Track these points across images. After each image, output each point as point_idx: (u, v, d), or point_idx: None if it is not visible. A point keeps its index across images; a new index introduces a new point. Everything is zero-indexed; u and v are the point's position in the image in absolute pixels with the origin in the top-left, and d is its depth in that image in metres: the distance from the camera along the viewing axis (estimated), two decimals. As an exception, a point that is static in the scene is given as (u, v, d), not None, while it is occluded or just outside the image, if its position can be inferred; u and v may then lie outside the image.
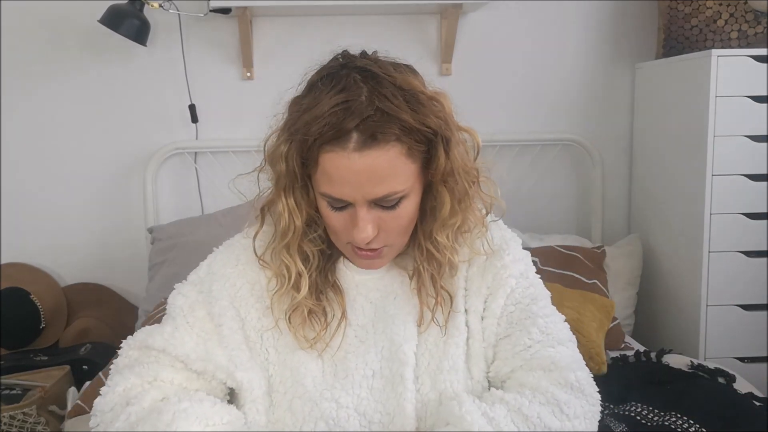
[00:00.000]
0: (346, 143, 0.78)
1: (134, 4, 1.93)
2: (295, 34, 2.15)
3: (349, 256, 0.92)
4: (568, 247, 2.06)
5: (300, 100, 0.85)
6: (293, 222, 0.87)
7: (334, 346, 0.91)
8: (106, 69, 2.12)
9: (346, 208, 0.84)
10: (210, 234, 1.98)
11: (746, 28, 1.93)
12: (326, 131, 0.78)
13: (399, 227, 0.86)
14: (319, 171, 0.82)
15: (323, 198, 0.85)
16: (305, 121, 0.80)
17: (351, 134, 0.78)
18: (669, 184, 2.07)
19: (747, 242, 1.88)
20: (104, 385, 0.93)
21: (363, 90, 0.80)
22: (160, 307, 1.76)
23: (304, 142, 0.81)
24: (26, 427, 1.70)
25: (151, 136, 2.15)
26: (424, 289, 0.91)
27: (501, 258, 0.94)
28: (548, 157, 2.27)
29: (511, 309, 0.93)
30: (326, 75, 0.84)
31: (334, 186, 0.81)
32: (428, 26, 2.20)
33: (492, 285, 0.94)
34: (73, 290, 2.16)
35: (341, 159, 0.79)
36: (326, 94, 0.80)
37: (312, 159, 0.82)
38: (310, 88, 0.85)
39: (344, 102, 0.78)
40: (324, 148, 0.80)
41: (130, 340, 0.96)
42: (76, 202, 2.17)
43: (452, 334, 0.92)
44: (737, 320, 1.90)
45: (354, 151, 0.78)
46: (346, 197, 0.82)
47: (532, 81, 2.26)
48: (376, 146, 0.79)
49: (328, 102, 0.79)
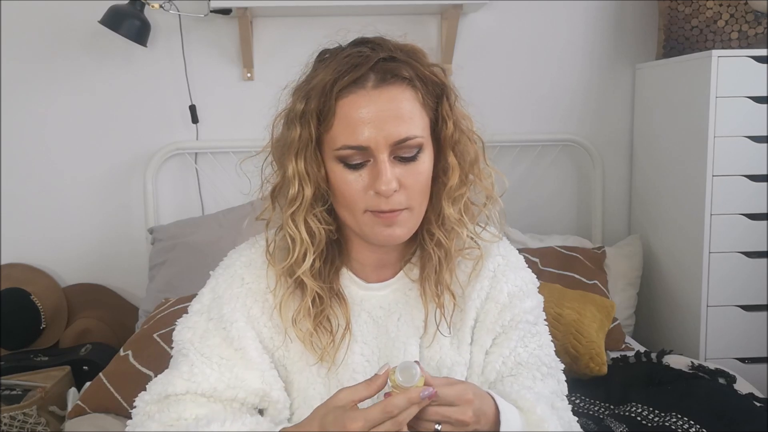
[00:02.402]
0: (365, 83, 0.80)
1: (135, 4, 1.93)
2: (295, 35, 2.15)
3: (366, 230, 0.85)
4: (568, 247, 2.06)
5: (307, 77, 0.87)
6: (302, 190, 0.84)
7: (338, 362, 0.89)
8: (107, 69, 2.12)
9: (364, 165, 0.82)
10: (210, 234, 1.99)
11: (746, 28, 1.93)
12: (343, 76, 0.80)
13: (418, 184, 0.84)
14: (337, 122, 0.81)
15: (339, 159, 0.83)
16: (320, 77, 0.82)
17: (368, 75, 0.81)
18: (669, 185, 2.07)
19: (747, 243, 1.88)
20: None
21: (370, 46, 0.84)
22: (160, 307, 1.76)
23: (321, 94, 0.81)
24: (26, 428, 1.70)
25: (151, 136, 2.15)
26: (429, 288, 0.90)
27: (522, 300, 0.94)
28: (548, 158, 2.27)
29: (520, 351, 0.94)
30: (327, 51, 0.86)
31: (354, 131, 0.80)
32: (429, 27, 2.20)
33: (507, 327, 0.94)
34: (73, 291, 2.16)
35: (361, 98, 0.80)
36: (335, 58, 0.83)
37: (328, 112, 0.81)
38: (318, 60, 0.87)
39: (359, 53, 0.82)
40: (342, 94, 0.80)
41: (144, 395, 0.90)
42: (77, 203, 2.17)
43: (457, 361, 0.92)
44: (738, 321, 1.89)
45: (373, 88, 0.80)
46: (368, 141, 0.80)
47: (533, 82, 2.26)
48: (393, 83, 0.81)
49: (340, 58, 0.82)
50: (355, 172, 0.82)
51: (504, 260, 0.96)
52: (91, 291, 2.18)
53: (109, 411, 1.51)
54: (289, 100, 0.89)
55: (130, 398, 1.48)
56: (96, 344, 1.99)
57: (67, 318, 2.10)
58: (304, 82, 0.87)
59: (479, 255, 0.93)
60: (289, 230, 0.86)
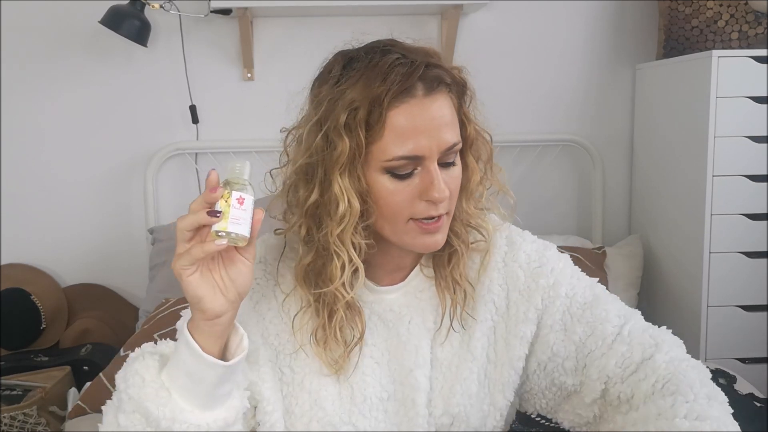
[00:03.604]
0: (415, 92, 0.79)
1: (135, 4, 1.93)
2: (296, 35, 2.15)
3: (407, 239, 0.84)
4: (568, 248, 2.06)
5: (335, 82, 0.81)
6: (351, 207, 0.81)
7: (350, 368, 0.88)
8: (107, 70, 2.12)
9: (412, 174, 0.81)
10: (210, 235, 1.99)
11: (747, 28, 1.93)
12: (393, 86, 0.78)
13: (455, 188, 0.85)
14: (387, 133, 0.79)
15: (387, 170, 0.80)
16: (363, 86, 0.79)
17: (416, 84, 0.79)
18: (669, 185, 2.07)
19: (747, 243, 1.88)
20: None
21: (400, 52, 0.81)
22: (160, 307, 1.77)
23: (371, 103, 0.78)
24: (27, 428, 1.70)
25: (151, 136, 2.15)
26: (445, 283, 0.90)
27: (546, 276, 0.92)
28: (548, 158, 2.27)
29: (571, 322, 0.90)
30: (354, 56, 0.83)
31: (407, 141, 0.78)
32: (429, 27, 2.20)
33: (542, 306, 0.91)
34: (73, 291, 2.16)
35: (414, 107, 0.79)
36: (369, 63, 0.80)
37: (377, 122, 0.79)
38: (344, 67, 0.82)
39: (398, 59, 0.79)
40: (392, 104, 0.78)
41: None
42: (77, 203, 2.17)
43: (465, 358, 0.91)
44: (738, 321, 1.89)
45: (424, 97, 0.79)
46: (422, 150, 0.79)
47: (533, 82, 2.26)
48: (438, 91, 0.81)
49: (382, 66, 0.79)
50: (403, 182, 0.81)
51: (508, 245, 0.95)
52: (91, 291, 2.18)
53: (110, 411, 1.51)
54: (306, 107, 0.85)
55: (130, 398, 1.49)
56: (96, 344, 1.99)
57: (68, 318, 2.10)
58: (333, 89, 0.81)
59: (486, 247, 0.92)
60: (337, 250, 0.82)
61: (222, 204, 0.72)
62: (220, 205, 0.72)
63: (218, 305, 0.74)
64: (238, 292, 0.75)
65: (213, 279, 0.74)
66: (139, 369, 0.76)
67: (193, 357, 0.74)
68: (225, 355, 0.78)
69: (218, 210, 0.71)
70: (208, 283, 0.74)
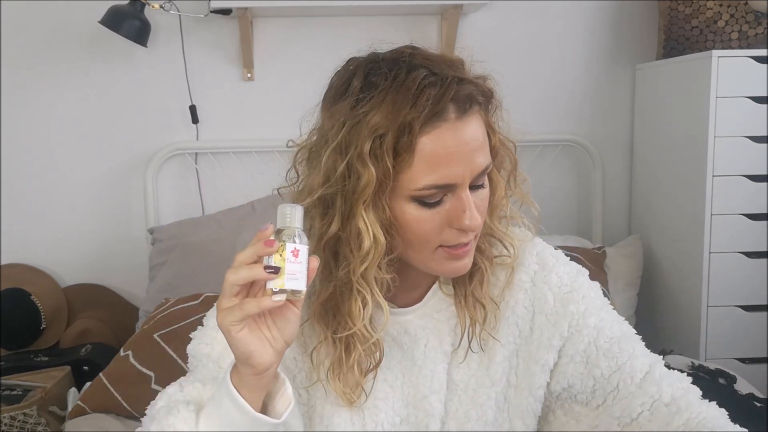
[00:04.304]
0: (447, 115, 0.72)
1: (135, 5, 1.93)
2: (296, 35, 2.14)
3: (434, 265, 0.80)
4: (568, 248, 2.06)
5: (355, 101, 0.74)
6: (377, 242, 0.75)
7: (363, 396, 0.84)
8: (107, 70, 2.12)
9: (441, 201, 0.75)
10: (211, 235, 1.99)
11: (747, 28, 1.93)
12: (425, 110, 0.71)
13: (485, 210, 0.80)
14: (417, 160, 0.72)
15: (416, 199, 0.74)
16: (389, 110, 0.72)
17: (448, 105, 0.73)
18: (669, 185, 2.07)
19: (747, 243, 1.88)
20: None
21: (427, 66, 0.75)
22: (160, 307, 1.77)
23: (399, 130, 0.71)
24: (27, 428, 1.70)
25: (151, 136, 2.15)
26: (466, 301, 0.85)
27: (576, 303, 0.87)
28: (548, 158, 2.26)
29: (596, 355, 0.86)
30: (374, 70, 0.75)
31: (438, 169, 0.72)
32: (429, 27, 2.20)
33: (568, 334, 0.87)
34: (73, 291, 2.16)
35: (448, 132, 0.72)
36: (395, 81, 0.73)
37: (406, 149, 0.72)
38: (365, 84, 0.75)
39: (426, 77, 0.73)
40: (423, 130, 0.72)
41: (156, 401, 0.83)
42: (77, 203, 2.17)
43: (484, 383, 0.87)
44: (738, 321, 1.89)
45: (456, 120, 0.73)
46: (455, 178, 0.73)
47: (533, 82, 2.26)
48: (470, 111, 0.75)
49: (411, 82, 0.72)
50: (432, 210, 0.75)
51: (539, 264, 0.89)
52: (91, 291, 2.18)
53: (110, 411, 1.51)
54: (317, 120, 0.80)
55: (130, 398, 1.50)
56: (96, 344, 1.99)
57: (68, 318, 2.10)
58: (353, 110, 0.74)
59: (512, 263, 0.87)
60: (360, 288, 0.77)
61: (276, 258, 0.66)
62: (275, 260, 0.66)
63: (268, 358, 0.69)
64: (286, 341, 0.70)
65: (261, 332, 0.69)
66: (176, 424, 0.72)
67: (245, 417, 0.70)
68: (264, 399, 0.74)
69: (276, 266, 0.66)
70: (257, 337, 0.68)
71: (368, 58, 0.78)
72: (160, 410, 0.75)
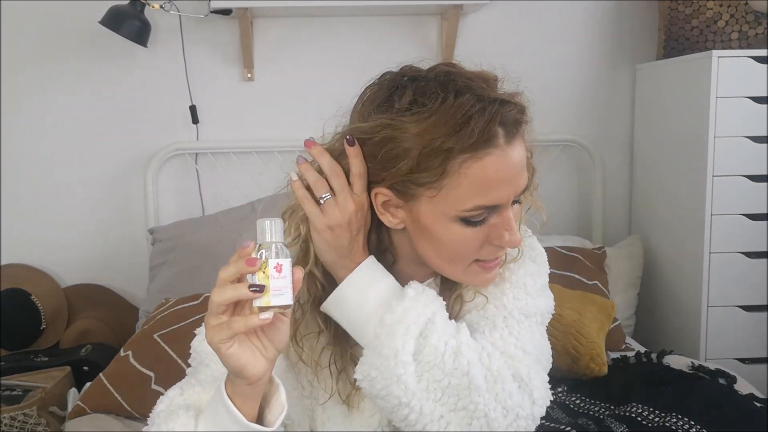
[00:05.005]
0: (497, 141, 0.75)
1: (135, 5, 1.93)
2: (296, 35, 2.14)
3: (466, 278, 0.83)
4: (568, 248, 2.06)
5: (400, 113, 0.77)
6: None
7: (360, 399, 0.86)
8: (107, 70, 2.12)
9: (484, 221, 0.78)
10: (211, 235, 1.99)
11: (747, 29, 1.93)
12: (476, 138, 0.73)
13: (518, 224, 0.82)
14: (467, 184, 0.75)
15: (460, 219, 0.77)
16: (432, 127, 0.74)
17: (497, 131, 0.75)
18: (670, 185, 2.07)
19: (747, 243, 1.88)
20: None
21: (472, 89, 0.77)
22: (160, 307, 1.77)
23: (436, 151, 0.74)
24: (26, 428, 1.70)
25: (151, 136, 2.15)
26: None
27: (515, 290, 0.87)
28: (549, 158, 2.26)
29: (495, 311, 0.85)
30: (424, 90, 0.78)
31: (489, 192, 0.75)
32: (428, 27, 2.20)
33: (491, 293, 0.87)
34: (73, 291, 2.16)
35: (499, 159, 0.75)
36: (443, 104, 0.75)
37: (447, 173, 0.74)
38: (414, 100, 0.77)
39: (473, 105, 0.75)
40: (474, 155, 0.74)
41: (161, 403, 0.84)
42: (77, 203, 2.17)
43: None
44: (738, 321, 1.90)
45: (506, 145, 0.76)
46: (501, 199, 0.76)
47: (533, 82, 2.21)
48: (517, 134, 0.78)
49: (457, 109, 0.74)
50: (475, 228, 0.78)
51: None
52: (92, 291, 2.18)
53: (110, 411, 1.51)
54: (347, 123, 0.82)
55: (130, 399, 1.50)
56: (96, 345, 1.99)
57: (68, 318, 2.10)
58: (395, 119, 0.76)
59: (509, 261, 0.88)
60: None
61: (260, 276, 0.66)
62: (259, 277, 0.66)
63: (260, 369, 0.70)
64: (277, 349, 0.72)
65: (251, 343, 0.70)
66: (175, 428, 0.74)
67: (239, 426, 0.71)
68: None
69: (260, 284, 0.66)
70: (247, 350, 0.69)
71: (414, 76, 0.81)
72: (160, 414, 0.77)
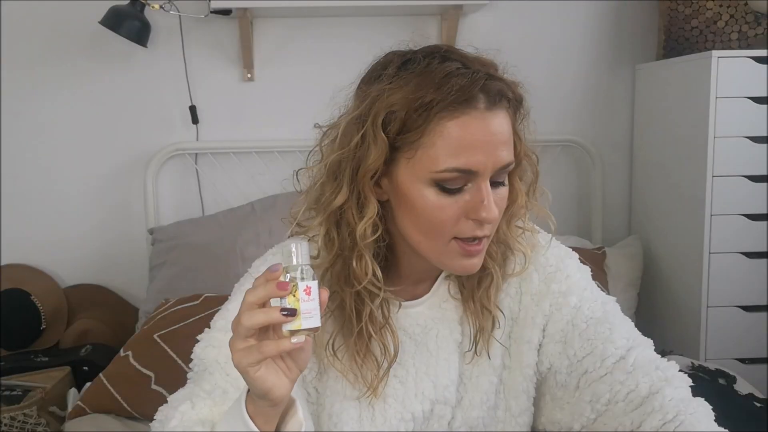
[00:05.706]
0: (476, 104, 0.75)
1: (135, 5, 1.94)
2: (296, 36, 2.14)
3: (446, 259, 0.81)
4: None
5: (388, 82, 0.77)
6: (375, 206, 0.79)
7: (379, 390, 0.85)
8: (107, 70, 2.12)
9: (461, 190, 0.76)
10: (211, 235, 1.99)
11: (746, 29, 1.93)
12: (454, 95, 0.73)
13: (502, 210, 0.81)
14: (441, 143, 0.74)
15: (435, 183, 0.76)
16: (414, 88, 0.74)
17: (479, 95, 0.75)
18: (669, 185, 2.07)
19: (747, 243, 1.88)
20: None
21: (461, 61, 0.78)
22: (160, 308, 1.76)
23: (417, 108, 0.74)
24: (26, 428, 1.70)
25: (151, 137, 2.15)
26: (473, 306, 0.87)
27: (559, 282, 0.88)
28: (548, 158, 2.26)
29: (572, 335, 0.86)
30: (411, 58, 0.79)
31: (463, 154, 0.74)
32: (429, 27, 2.20)
33: (549, 313, 0.88)
34: (73, 291, 2.16)
35: (475, 120, 0.74)
36: (427, 67, 0.76)
37: (426, 131, 0.74)
38: (399, 67, 0.78)
39: (458, 69, 0.75)
40: (452, 114, 0.74)
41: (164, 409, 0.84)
42: (77, 203, 2.17)
43: (485, 370, 0.89)
44: (738, 321, 1.89)
45: (486, 110, 0.75)
46: (477, 165, 0.75)
47: (533, 82, 2.24)
48: (499, 106, 0.77)
49: (440, 70, 0.75)
50: (451, 197, 0.76)
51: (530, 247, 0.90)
52: (91, 291, 2.18)
53: (110, 411, 1.51)
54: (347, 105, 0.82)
55: (130, 399, 1.50)
56: (96, 345, 1.99)
57: (68, 318, 2.10)
58: (382, 87, 0.77)
59: (520, 271, 0.89)
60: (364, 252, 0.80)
61: (290, 299, 0.66)
62: (289, 301, 0.66)
63: (285, 390, 0.69)
64: (300, 369, 0.71)
65: (276, 366, 0.69)
66: None
67: None
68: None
69: (292, 308, 0.66)
70: (273, 372, 0.68)
71: (407, 50, 0.81)
72: (176, 430, 0.76)
